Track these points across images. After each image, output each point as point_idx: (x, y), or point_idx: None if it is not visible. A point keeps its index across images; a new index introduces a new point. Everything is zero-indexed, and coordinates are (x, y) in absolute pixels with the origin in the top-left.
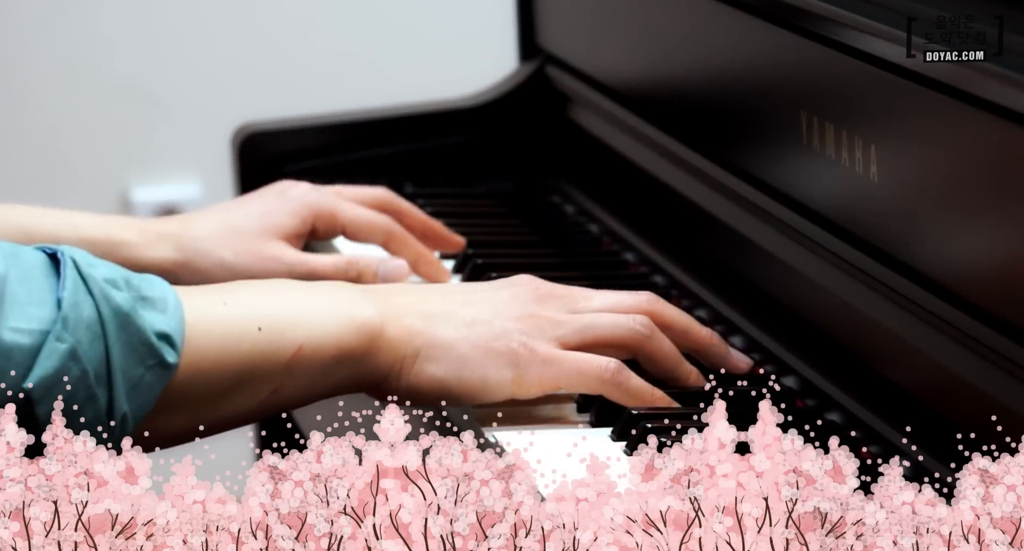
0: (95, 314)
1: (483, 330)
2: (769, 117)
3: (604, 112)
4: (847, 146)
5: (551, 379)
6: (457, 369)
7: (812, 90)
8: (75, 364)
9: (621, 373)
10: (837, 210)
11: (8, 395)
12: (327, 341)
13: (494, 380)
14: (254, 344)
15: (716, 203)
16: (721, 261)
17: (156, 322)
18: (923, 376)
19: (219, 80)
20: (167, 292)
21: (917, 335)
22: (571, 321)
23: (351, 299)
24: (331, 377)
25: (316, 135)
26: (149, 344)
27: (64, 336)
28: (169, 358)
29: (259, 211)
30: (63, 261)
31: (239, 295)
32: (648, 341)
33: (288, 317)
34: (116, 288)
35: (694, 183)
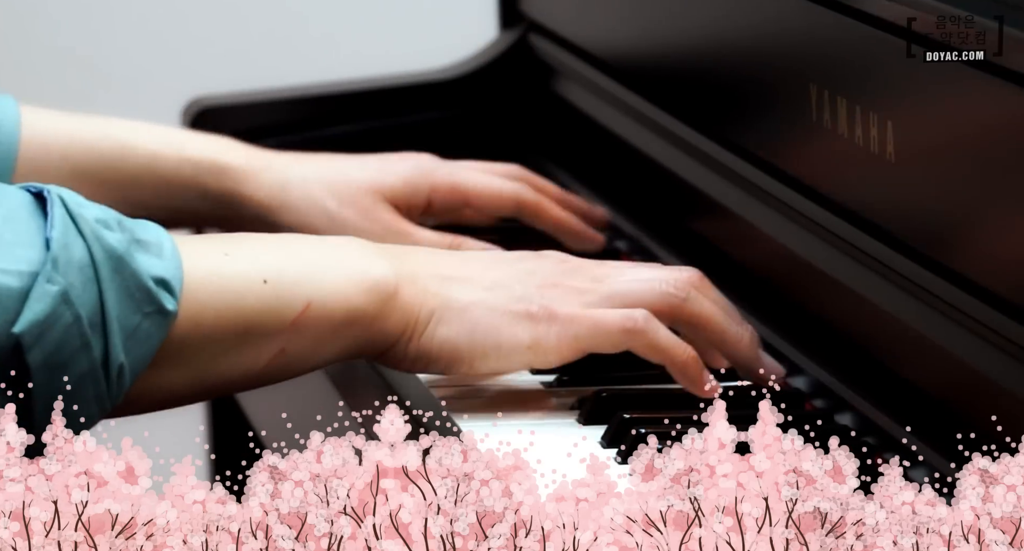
0: (87, 256)
1: (502, 294)
2: (775, 91)
3: (593, 85)
4: (861, 123)
5: (571, 338)
6: (470, 332)
7: (822, 60)
8: (67, 308)
9: (649, 322)
10: (849, 193)
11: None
12: (337, 299)
13: (509, 345)
14: (259, 298)
15: (715, 185)
16: (721, 249)
17: (153, 267)
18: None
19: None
20: (163, 237)
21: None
22: (598, 288)
23: (365, 255)
24: (340, 339)
25: (277, 110)
26: (146, 289)
27: (55, 278)
28: (168, 305)
29: (374, 167)
30: (50, 200)
31: (243, 246)
32: (685, 304)
33: (296, 272)
34: (108, 229)
35: (691, 163)
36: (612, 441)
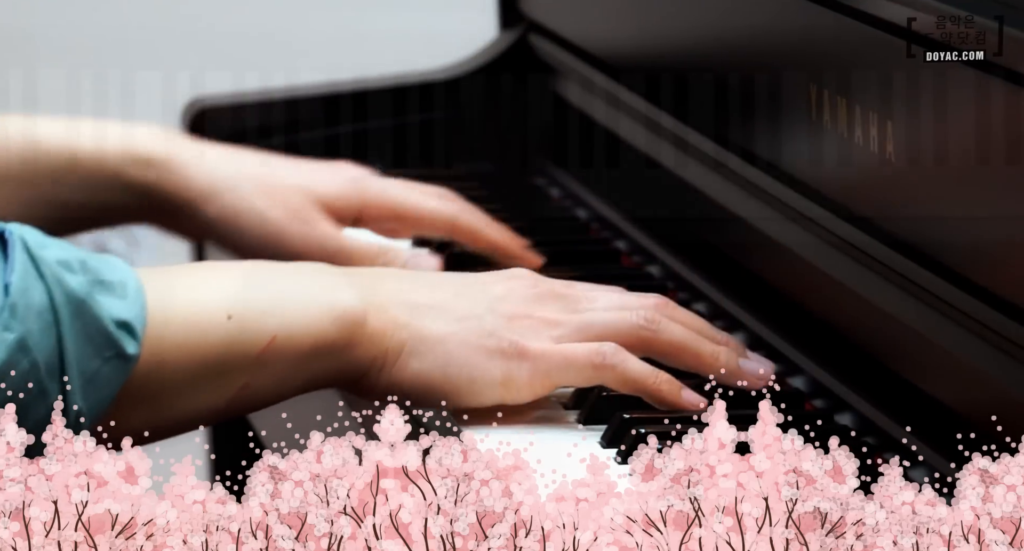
0: (47, 300)
1: (474, 326)
2: (775, 91)
3: (593, 85)
4: (861, 123)
5: (542, 375)
6: (443, 366)
7: (822, 60)
8: (24, 356)
9: (618, 355)
10: (850, 193)
11: None
12: (303, 331)
13: (482, 381)
14: (223, 334)
15: (716, 185)
16: (722, 250)
17: (115, 309)
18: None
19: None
20: (128, 275)
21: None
22: (569, 321)
23: (332, 285)
24: (307, 370)
25: (276, 111)
26: (107, 333)
27: (12, 325)
28: (129, 349)
29: (308, 171)
30: (11, 241)
31: (207, 278)
32: (657, 335)
33: (261, 304)
34: (70, 271)
35: (692, 164)
36: (612, 441)
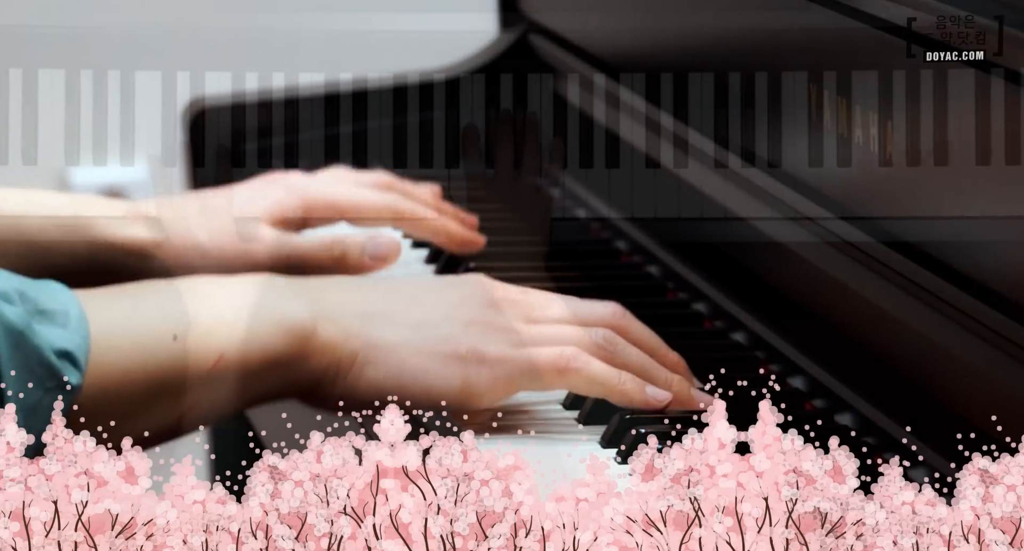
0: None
1: (429, 333)
2: (775, 91)
3: (593, 86)
4: (861, 123)
5: (504, 380)
6: (397, 375)
7: (822, 60)
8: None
9: (579, 358)
10: (850, 193)
11: None
12: (251, 347)
13: (439, 388)
14: (168, 355)
15: (715, 185)
16: (721, 249)
17: (56, 338)
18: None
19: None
20: (69, 303)
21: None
22: (526, 333)
23: (279, 298)
24: (258, 385)
25: (276, 111)
26: (48, 364)
27: None
28: (71, 379)
29: (243, 194)
30: None
31: (151, 299)
32: (612, 358)
33: (206, 322)
34: (8, 302)
35: (692, 163)
36: (612, 441)
